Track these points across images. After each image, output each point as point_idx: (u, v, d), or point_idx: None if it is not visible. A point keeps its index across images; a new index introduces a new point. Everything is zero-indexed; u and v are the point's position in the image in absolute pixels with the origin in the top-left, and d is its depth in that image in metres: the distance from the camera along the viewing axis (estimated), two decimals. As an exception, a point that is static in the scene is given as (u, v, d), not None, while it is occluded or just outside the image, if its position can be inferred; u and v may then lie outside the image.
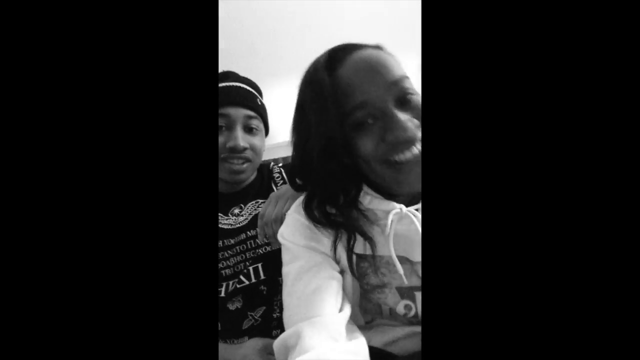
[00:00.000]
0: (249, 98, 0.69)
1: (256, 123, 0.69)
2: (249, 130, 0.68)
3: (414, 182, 0.42)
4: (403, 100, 0.42)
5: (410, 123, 0.40)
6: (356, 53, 0.44)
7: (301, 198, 0.51)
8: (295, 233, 0.48)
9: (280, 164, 0.78)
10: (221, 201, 0.71)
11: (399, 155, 0.41)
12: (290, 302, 0.43)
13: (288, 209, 0.56)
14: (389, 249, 0.45)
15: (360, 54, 0.44)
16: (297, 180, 0.52)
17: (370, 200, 0.46)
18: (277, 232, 0.56)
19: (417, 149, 0.41)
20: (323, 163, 0.43)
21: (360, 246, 0.48)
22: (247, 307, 0.63)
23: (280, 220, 0.57)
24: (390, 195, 0.47)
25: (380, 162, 0.42)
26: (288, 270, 0.46)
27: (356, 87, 0.41)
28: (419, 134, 0.41)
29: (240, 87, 0.70)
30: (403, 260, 0.46)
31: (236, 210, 0.70)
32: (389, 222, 0.44)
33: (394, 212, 0.45)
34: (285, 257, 0.48)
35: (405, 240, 0.46)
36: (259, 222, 0.60)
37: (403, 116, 0.40)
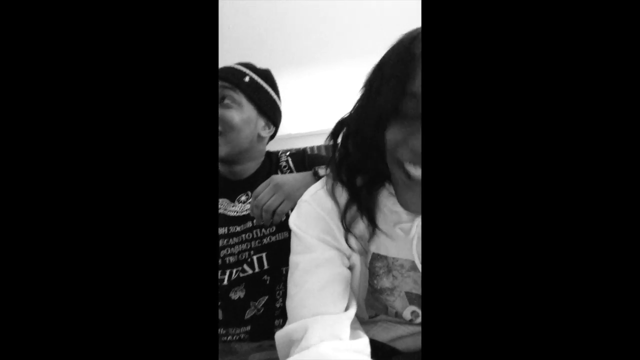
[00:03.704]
0: (229, 73, 0.69)
1: (231, 95, 0.67)
2: (220, 101, 0.67)
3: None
4: None
5: None
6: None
7: (315, 185, 0.50)
8: (309, 223, 0.46)
9: (288, 153, 0.77)
10: (228, 188, 0.70)
11: (411, 167, 0.38)
12: (296, 294, 0.43)
13: (282, 206, 0.56)
14: (408, 252, 0.44)
15: None
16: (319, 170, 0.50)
17: (394, 202, 0.44)
18: (267, 220, 0.57)
19: None
20: (373, 133, 0.40)
21: (376, 246, 0.47)
22: (249, 296, 0.63)
23: (271, 212, 0.57)
24: None
25: (396, 163, 0.40)
26: (298, 260, 0.45)
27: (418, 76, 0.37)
28: None
29: (228, 67, 0.71)
30: (415, 267, 0.45)
31: (243, 198, 0.69)
32: (415, 226, 0.43)
33: (419, 217, 0.43)
34: (295, 245, 0.47)
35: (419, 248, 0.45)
36: (252, 201, 0.59)
37: None
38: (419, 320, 0.46)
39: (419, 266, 0.43)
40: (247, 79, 0.70)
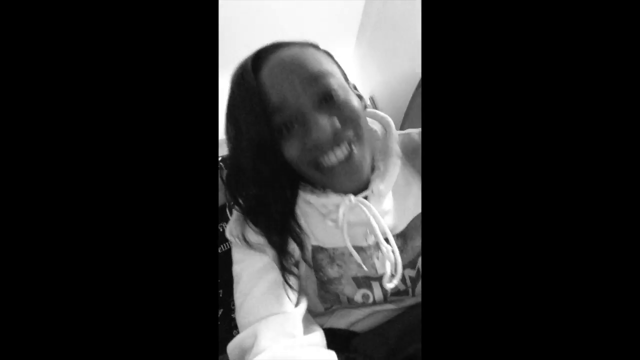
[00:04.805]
0: None
1: None
2: None
3: (345, 182, 0.41)
4: (325, 98, 0.38)
5: (330, 124, 0.38)
6: (279, 52, 0.40)
7: None
8: (245, 229, 0.46)
9: (220, 158, 0.73)
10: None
11: (324, 159, 0.39)
12: (243, 302, 0.42)
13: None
14: (343, 240, 0.44)
15: (282, 53, 0.40)
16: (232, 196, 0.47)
17: (318, 196, 0.45)
18: None
19: (342, 150, 0.39)
20: (256, 168, 0.41)
21: (314, 239, 0.47)
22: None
23: None
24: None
25: (308, 166, 0.40)
26: (240, 268, 0.45)
27: (273, 88, 0.38)
28: (345, 133, 0.39)
29: None
30: (358, 249, 0.46)
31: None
32: (341, 214, 0.43)
33: (343, 204, 0.44)
34: (236, 255, 0.46)
35: (358, 230, 0.46)
36: None
37: (322, 118, 0.37)
38: (371, 300, 0.48)
39: (352, 252, 0.43)
40: None
